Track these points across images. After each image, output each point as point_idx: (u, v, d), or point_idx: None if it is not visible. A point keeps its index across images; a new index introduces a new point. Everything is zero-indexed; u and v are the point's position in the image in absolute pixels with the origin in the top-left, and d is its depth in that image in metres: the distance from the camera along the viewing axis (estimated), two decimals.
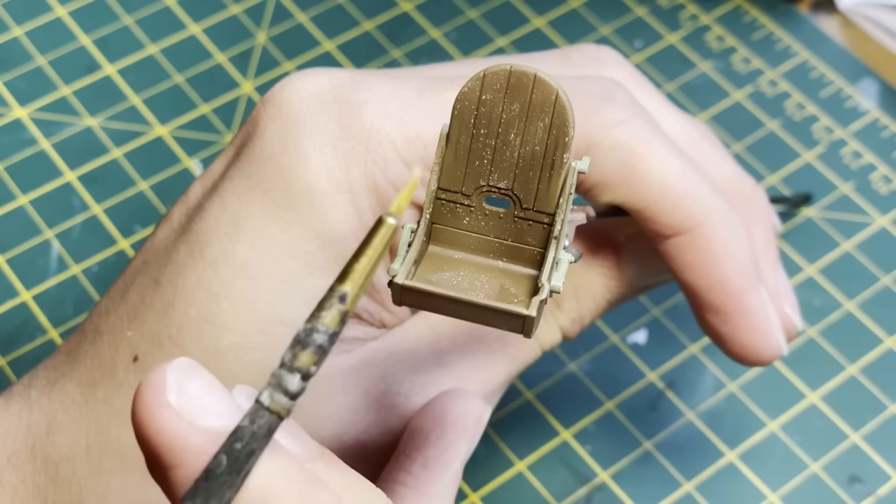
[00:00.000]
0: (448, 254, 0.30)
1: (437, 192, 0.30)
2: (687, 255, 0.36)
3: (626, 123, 0.35)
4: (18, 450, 0.35)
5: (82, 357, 0.36)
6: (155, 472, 0.25)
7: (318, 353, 0.24)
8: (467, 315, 0.27)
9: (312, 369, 0.24)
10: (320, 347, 0.24)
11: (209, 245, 0.35)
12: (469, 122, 0.29)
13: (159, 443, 0.25)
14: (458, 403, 0.37)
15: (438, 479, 0.36)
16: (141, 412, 0.25)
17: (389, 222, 0.25)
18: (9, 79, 0.54)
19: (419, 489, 0.35)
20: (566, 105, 0.28)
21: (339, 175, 0.35)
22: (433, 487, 0.35)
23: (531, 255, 0.30)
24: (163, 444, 0.25)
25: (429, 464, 0.36)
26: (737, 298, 0.37)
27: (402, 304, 0.28)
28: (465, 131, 0.29)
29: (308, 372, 0.24)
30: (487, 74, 0.28)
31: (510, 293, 0.29)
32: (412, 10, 0.56)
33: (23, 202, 0.50)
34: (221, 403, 0.25)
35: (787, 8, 0.57)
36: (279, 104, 0.35)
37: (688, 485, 0.44)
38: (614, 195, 0.36)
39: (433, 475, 0.35)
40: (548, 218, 0.29)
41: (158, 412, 0.25)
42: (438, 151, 0.29)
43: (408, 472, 0.35)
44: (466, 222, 0.30)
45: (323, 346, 0.24)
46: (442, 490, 0.36)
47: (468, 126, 0.29)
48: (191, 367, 0.25)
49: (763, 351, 0.38)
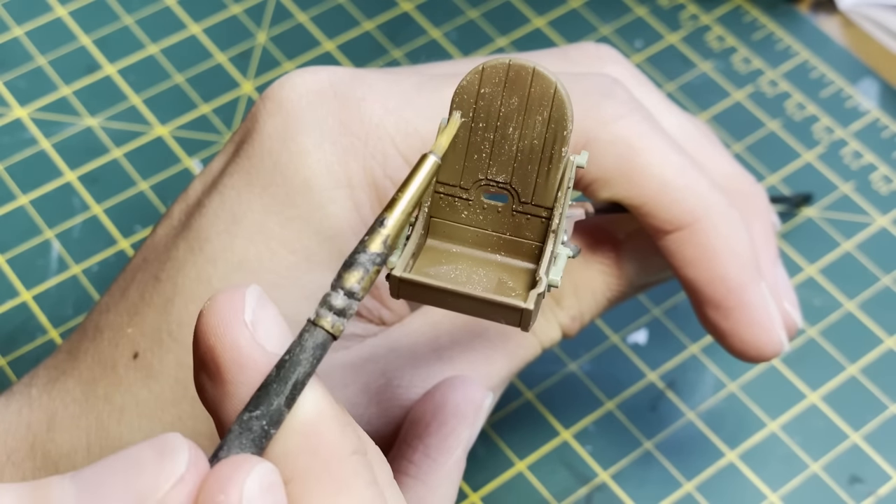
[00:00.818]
0: (446, 247, 0.30)
1: (435, 186, 0.30)
2: (687, 250, 0.36)
3: (625, 118, 0.35)
4: (18, 447, 0.35)
5: (83, 354, 0.36)
6: (213, 384, 0.26)
7: (360, 271, 0.26)
8: (465, 308, 0.28)
9: (355, 286, 0.26)
10: (362, 266, 0.26)
11: (208, 241, 0.35)
12: (467, 116, 0.29)
13: (230, 357, 0.25)
14: (458, 390, 0.36)
15: (440, 466, 0.36)
16: (215, 325, 0.26)
17: (432, 158, 0.27)
18: (9, 79, 0.54)
19: (420, 477, 0.35)
20: (565, 99, 0.28)
21: (338, 170, 0.35)
22: (435, 475, 0.35)
23: (529, 249, 0.30)
24: (233, 358, 0.25)
25: (430, 452, 0.36)
26: (737, 293, 0.37)
27: (399, 296, 0.28)
28: (463, 125, 0.29)
29: (351, 289, 0.26)
30: (486, 68, 0.28)
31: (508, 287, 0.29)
32: (412, 10, 0.56)
33: (23, 202, 0.50)
34: (285, 335, 0.26)
35: (788, 8, 0.57)
36: (279, 100, 0.35)
37: (688, 485, 0.44)
38: (613, 190, 0.36)
39: (435, 463, 0.35)
40: (546, 212, 0.29)
41: (235, 328, 0.25)
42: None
43: (409, 460, 0.35)
44: (465, 216, 0.30)
45: (365, 265, 0.26)
46: (445, 477, 0.36)
47: (466, 119, 0.29)
48: (263, 296, 0.26)
49: (764, 346, 0.38)
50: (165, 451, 0.24)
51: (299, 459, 0.25)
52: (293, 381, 0.25)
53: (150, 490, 0.23)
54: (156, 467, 0.23)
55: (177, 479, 0.23)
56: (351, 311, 0.26)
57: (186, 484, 0.23)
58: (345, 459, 0.26)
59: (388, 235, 0.26)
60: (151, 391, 0.35)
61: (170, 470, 0.23)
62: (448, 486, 0.36)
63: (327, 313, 0.26)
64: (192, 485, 0.23)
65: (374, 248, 0.26)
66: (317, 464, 0.25)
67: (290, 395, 0.25)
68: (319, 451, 0.25)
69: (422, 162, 0.27)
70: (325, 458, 0.25)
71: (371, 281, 0.26)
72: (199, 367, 0.26)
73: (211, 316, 0.26)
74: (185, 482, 0.23)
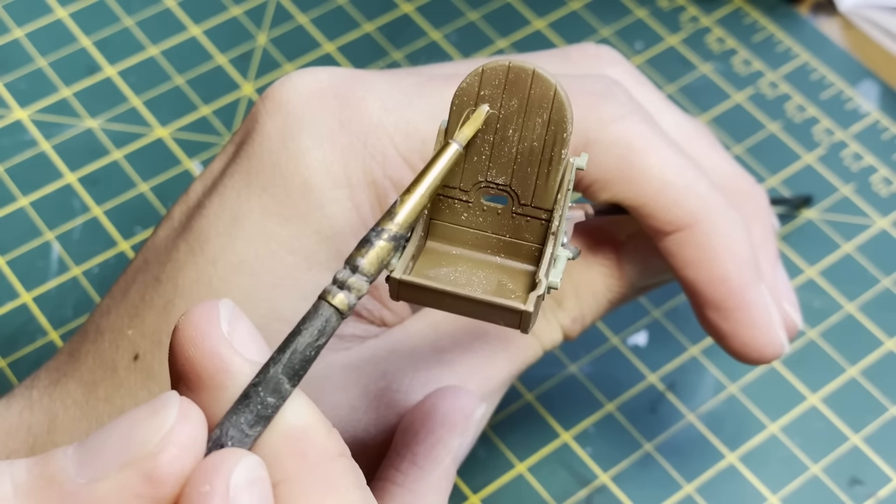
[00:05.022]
0: (446, 249, 0.30)
1: None
2: (687, 251, 0.36)
3: (624, 119, 0.35)
4: (19, 449, 0.35)
5: (83, 356, 0.36)
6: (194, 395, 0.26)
7: (366, 247, 0.26)
8: (464, 310, 0.28)
9: (360, 261, 0.26)
10: (374, 245, 0.26)
11: (209, 242, 0.35)
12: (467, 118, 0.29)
13: (211, 365, 0.25)
14: (447, 399, 0.36)
15: (427, 475, 0.35)
16: (192, 336, 0.26)
17: (454, 147, 0.28)
18: (9, 80, 0.54)
19: (407, 485, 0.35)
20: (564, 100, 0.28)
21: (338, 170, 0.35)
22: (423, 484, 0.35)
23: (529, 251, 0.30)
24: (215, 366, 0.25)
25: (417, 460, 0.35)
26: (738, 294, 0.37)
27: (399, 298, 0.28)
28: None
29: (355, 263, 0.26)
30: (486, 70, 0.28)
31: (508, 289, 0.29)
32: (413, 12, 0.56)
33: (23, 204, 0.50)
34: (261, 345, 0.26)
35: (788, 10, 0.57)
36: (279, 101, 0.35)
37: (688, 486, 0.44)
38: (613, 191, 0.36)
39: (422, 471, 0.35)
40: (546, 214, 0.29)
41: (213, 337, 0.25)
42: (437, 147, 0.29)
43: (397, 469, 0.35)
44: (464, 218, 0.30)
45: (372, 241, 0.26)
46: (432, 486, 0.35)
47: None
48: (236, 309, 0.26)
49: (765, 348, 0.37)
50: (157, 408, 0.24)
51: (288, 462, 0.25)
52: (291, 349, 0.25)
53: (142, 443, 0.24)
54: (148, 422, 0.24)
55: (167, 430, 0.24)
56: (358, 287, 0.26)
57: (176, 434, 0.24)
58: (333, 462, 0.26)
59: (400, 215, 0.27)
60: (151, 393, 0.35)
61: (160, 423, 0.24)
62: (435, 495, 0.35)
63: (333, 288, 0.26)
64: (182, 435, 0.24)
65: (384, 226, 0.26)
66: (306, 466, 0.25)
67: (287, 364, 0.25)
68: (308, 453, 0.25)
69: (444, 149, 0.28)
70: (313, 460, 0.25)
71: (380, 258, 0.26)
72: (177, 379, 0.26)
73: (187, 328, 0.26)
74: (174, 432, 0.24)
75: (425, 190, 0.27)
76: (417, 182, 0.27)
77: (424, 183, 0.27)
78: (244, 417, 0.25)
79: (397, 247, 0.27)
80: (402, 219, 0.27)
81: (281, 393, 0.25)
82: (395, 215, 0.27)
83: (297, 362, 0.25)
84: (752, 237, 0.37)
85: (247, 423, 0.25)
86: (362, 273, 0.26)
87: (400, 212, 0.27)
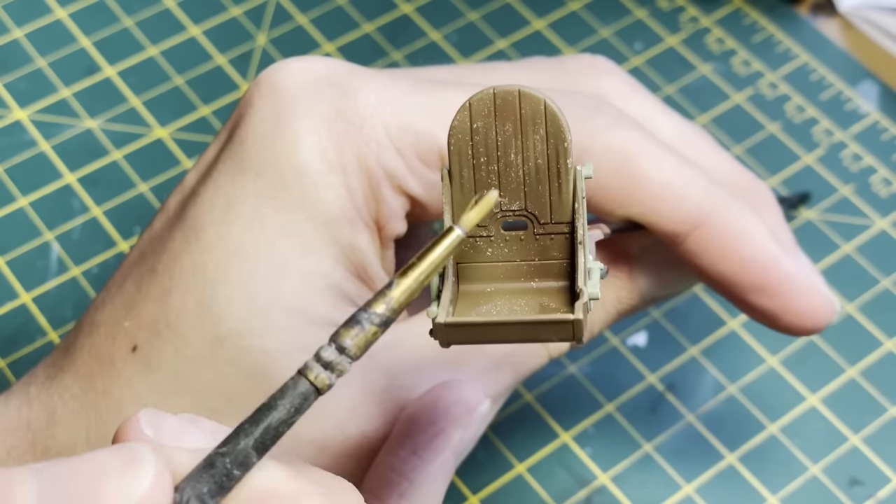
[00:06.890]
0: (480, 288, 0.30)
1: None
2: (708, 247, 0.36)
3: (616, 128, 0.35)
4: (18, 444, 0.35)
5: (79, 350, 0.36)
6: None
7: (357, 329, 0.25)
8: (517, 336, 0.27)
9: (348, 343, 0.25)
10: (360, 325, 0.25)
11: (204, 229, 0.35)
12: (467, 154, 0.29)
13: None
14: (452, 391, 0.36)
15: (426, 465, 0.35)
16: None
17: (457, 233, 0.26)
18: (9, 80, 0.54)
19: (406, 474, 0.35)
20: (557, 111, 0.28)
21: (332, 156, 0.34)
22: (420, 473, 0.35)
23: (560, 267, 0.30)
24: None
25: (417, 450, 0.35)
26: (773, 268, 0.36)
27: (449, 343, 0.27)
28: (465, 164, 0.29)
29: (343, 345, 0.25)
30: (473, 102, 0.28)
31: (551, 308, 0.29)
32: (412, 13, 0.56)
33: (23, 204, 0.50)
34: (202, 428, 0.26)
35: (788, 10, 0.57)
36: (272, 85, 0.35)
37: (688, 487, 0.44)
38: (616, 201, 0.36)
39: (421, 461, 0.35)
40: (567, 227, 0.29)
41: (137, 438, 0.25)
42: (445, 191, 0.29)
43: (397, 457, 0.35)
44: (490, 253, 0.30)
45: (363, 324, 0.25)
46: (430, 477, 0.35)
47: (467, 158, 0.29)
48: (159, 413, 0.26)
49: (818, 311, 0.37)
50: (126, 461, 0.23)
51: None
52: (265, 424, 0.25)
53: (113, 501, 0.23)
54: (119, 479, 0.23)
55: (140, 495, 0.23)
56: (341, 368, 0.25)
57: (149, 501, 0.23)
58: None
59: (395, 299, 0.25)
60: (151, 384, 0.35)
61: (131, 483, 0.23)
62: (432, 486, 0.35)
63: (315, 365, 0.25)
64: None
65: (376, 309, 0.25)
66: None
67: (259, 439, 0.25)
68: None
69: (446, 234, 0.26)
70: None
71: (368, 342, 0.25)
72: None
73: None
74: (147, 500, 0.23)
75: (423, 275, 0.26)
76: (415, 265, 0.26)
77: (422, 267, 0.26)
78: (207, 487, 0.24)
79: (387, 330, 0.26)
80: (397, 303, 0.26)
81: (247, 466, 0.25)
82: (389, 298, 0.25)
83: (268, 438, 0.25)
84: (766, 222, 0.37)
85: (209, 494, 0.24)
86: (348, 355, 0.25)
87: (395, 295, 0.25)
